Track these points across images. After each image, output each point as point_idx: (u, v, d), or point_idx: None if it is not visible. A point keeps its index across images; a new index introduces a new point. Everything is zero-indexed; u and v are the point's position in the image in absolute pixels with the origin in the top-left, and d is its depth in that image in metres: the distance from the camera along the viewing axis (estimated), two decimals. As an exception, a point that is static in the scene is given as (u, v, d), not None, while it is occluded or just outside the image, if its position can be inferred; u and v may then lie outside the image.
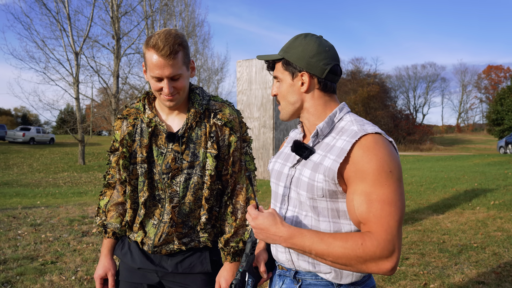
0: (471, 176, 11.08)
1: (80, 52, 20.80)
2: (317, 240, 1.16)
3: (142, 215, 1.62)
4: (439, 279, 3.84)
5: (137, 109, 1.66)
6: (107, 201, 1.74)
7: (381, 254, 1.11)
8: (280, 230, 1.20)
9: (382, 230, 1.12)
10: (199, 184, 1.60)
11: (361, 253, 1.11)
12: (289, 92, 1.32)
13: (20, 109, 52.70)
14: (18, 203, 8.66)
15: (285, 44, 1.36)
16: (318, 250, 1.15)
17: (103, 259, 1.73)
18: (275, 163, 1.44)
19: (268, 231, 1.21)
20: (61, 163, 22.16)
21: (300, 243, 1.17)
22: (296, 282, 1.32)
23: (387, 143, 1.20)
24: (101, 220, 1.74)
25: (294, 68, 1.30)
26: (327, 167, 1.20)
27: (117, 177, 1.70)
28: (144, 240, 1.63)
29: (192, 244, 1.64)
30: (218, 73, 35.23)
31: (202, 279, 1.67)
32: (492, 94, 54.09)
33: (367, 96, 42.15)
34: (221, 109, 1.63)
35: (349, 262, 1.13)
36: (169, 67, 1.45)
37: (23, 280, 3.81)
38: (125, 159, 1.60)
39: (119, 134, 1.68)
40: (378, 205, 1.13)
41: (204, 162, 1.59)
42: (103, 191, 1.78)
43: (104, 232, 1.73)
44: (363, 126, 1.23)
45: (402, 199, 1.15)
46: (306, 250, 1.17)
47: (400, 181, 1.17)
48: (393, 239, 1.12)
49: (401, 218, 1.14)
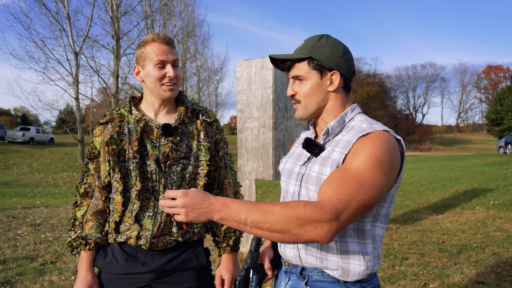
0: (470, 176, 11.09)
1: (79, 52, 20.81)
2: (253, 207, 1.09)
3: (136, 208, 1.60)
4: (439, 279, 3.84)
5: (121, 114, 1.69)
6: (85, 211, 1.68)
7: (321, 217, 1.05)
8: (212, 201, 1.12)
9: (337, 199, 1.08)
10: (194, 174, 1.66)
11: (302, 214, 1.06)
12: (316, 91, 1.32)
13: (19, 109, 52.77)
14: (18, 203, 8.65)
15: (304, 44, 1.34)
16: (254, 218, 1.08)
17: (85, 273, 1.62)
18: (286, 162, 1.46)
19: (201, 205, 1.12)
20: (61, 163, 22.15)
21: (235, 212, 1.09)
22: (303, 278, 1.33)
23: (392, 138, 1.22)
24: (76, 233, 1.66)
25: (323, 67, 1.31)
26: (334, 160, 1.23)
27: (96, 184, 1.67)
28: (140, 234, 1.60)
29: (187, 236, 1.65)
30: (218, 73, 35.23)
31: (196, 276, 1.66)
32: (492, 94, 54.14)
33: (367, 96, 42.14)
34: (206, 111, 1.77)
35: (287, 226, 1.06)
36: (171, 53, 1.62)
37: (23, 280, 3.81)
38: (114, 156, 1.61)
39: (99, 141, 1.67)
40: (349, 179, 1.12)
41: (198, 154, 1.67)
42: (78, 201, 1.70)
43: (85, 244, 1.63)
44: (373, 125, 1.26)
45: (377, 191, 1.13)
46: (241, 220, 1.09)
47: (386, 176, 1.15)
48: (341, 209, 1.07)
49: (363, 205, 1.11)
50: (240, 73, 4.55)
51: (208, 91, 35.65)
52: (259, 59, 4.44)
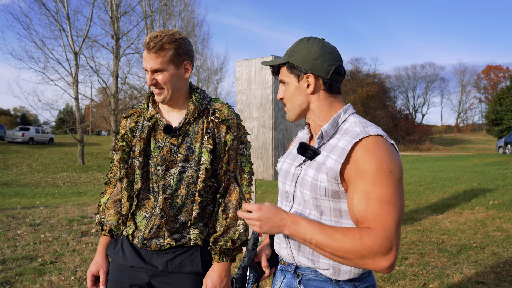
0: (470, 176, 11.10)
1: (79, 52, 20.79)
2: (318, 230, 1.19)
3: (134, 206, 1.64)
4: (438, 279, 3.84)
5: (142, 108, 1.74)
6: (107, 198, 1.76)
7: (378, 250, 1.12)
8: (284, 217, 1.23)
9: (380, 227, 1.13)
10: (193, 178, 1.61)
11: (358, 247, 1.13)
12: (295, 95, 1.36)
13: (19, 109, 52.69)
14: (17, 203, 8.65)
15: (288, 49, 1.39)
16: (318, 240, 1.18)
17: (97, 256, 1.74)
18: (283, 163, 1.49)
19: (273, 220, 1.24)
20: (60, 163, 22.13)
21: (302, 231, 1.20)
22: (297, 277, 1.35)
23: (388, 144, 1.23)
24: (99, 218, 1.76)
25: (299, 71, 1.33)
26: (329, 167, 1.24)
27: (118, 174, 1.73)
28: (134, 233, 1.63)
29: (182, 241, 1.62)
30: (218, 73, 35.24)
31: (193, 280, 1.63)
32: (491, 94, 54.13)
33: (367, 96, 42.14)
34: (220, 108, 1.67)
35: (347, 255, 1.15)
36: (151, 60, 1.55)
37: (22, 280, 3.80)
38: (124, 153, 1.64)
39: (122, 133, 1.72)
40: (376, 204, 1.15)
41: (199, 156, 1.61)
42: (104, 189, 1.80)
43: (101, 229, 1.74)
44: (366, 128, 1.26)
45: (401, 200, 1.17)
46: (307, 239, 1.20)
47: (400, 182, 1.19)
48: (390, 237, 1.13)
49: (400, 218, 1.16)
50: (240, 73, 4.56)
51: (208, 91, 35.61)
52: (259, 59, 4.44)
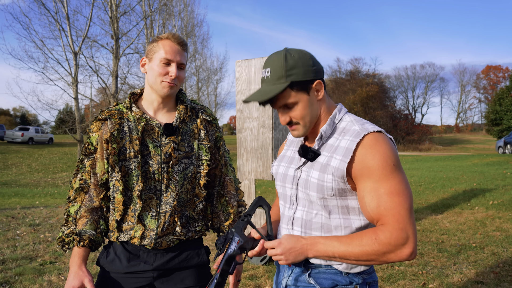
0: (470, 176, 11.10)
1: (79, 52, 20.76)
2: (337, 243, 1.24)
3: (139, 208, 1.59)
4: (438, 279, 3.84)
5: (119, 110, 1.66)
6: (79, 207, 1.64)
7: (396, 243, 1.18)
8: (303, 243, 1.27)
9: (394, 220, 1.19)
10: (195, 173, 1.67)
11: (377, 247, 1.19)
12: (309, 108, 1.32)
13: (19, 109, 52.68)
14: (17, 203, 8.65)
15: (272, 73, 1.29)
16: (340, 253, 1.23)
17: (77, 270, 1.57)
18: (278, 166, 1.49)
19: (295, 249, 1.27)
20: (60, 163, 22.13)
21: (323, 249, 1.25)
22: (306, 270, 1.36)
23: (387, 139, 1.27)
24: (70, 229, 1.62)
25: (305, 84, 1.30)
26: (335, 168, 1.26)
27: (91, 181, 1.64)
28: (145, 234, 1.60)
29: (189, 235, 1.67)
30: (217, 73, 35.19)
31: (197, 274, 1.68)
32: (491, 94, 54.16)
33: (366, 96, 42.12)
34: (205, 109, 1.78)
35: (370, 257, 1.20)
36: (180, 54, 1.63)
37: (22, 280, 3.80)
38: (115, 155, 1.59)
39: (96, 137, 1.64)
40: (387, 198, 1.20)
41: (198, 153, 1.69)
42: (72, 197, 1.66)
43: (79, 240, 1.60)
44: (364, 125, 1.30)
45: (408, 187, 1.23)
46: (330, 255, 1.25)
47: (403, 171, 1.25)
48: (405, 227, 1.18)
49: (411, 205, 1.22)
50: (240, 73, 4.55)
51: (208, 91, 35.64)
52: (259, 59, 4.44)
